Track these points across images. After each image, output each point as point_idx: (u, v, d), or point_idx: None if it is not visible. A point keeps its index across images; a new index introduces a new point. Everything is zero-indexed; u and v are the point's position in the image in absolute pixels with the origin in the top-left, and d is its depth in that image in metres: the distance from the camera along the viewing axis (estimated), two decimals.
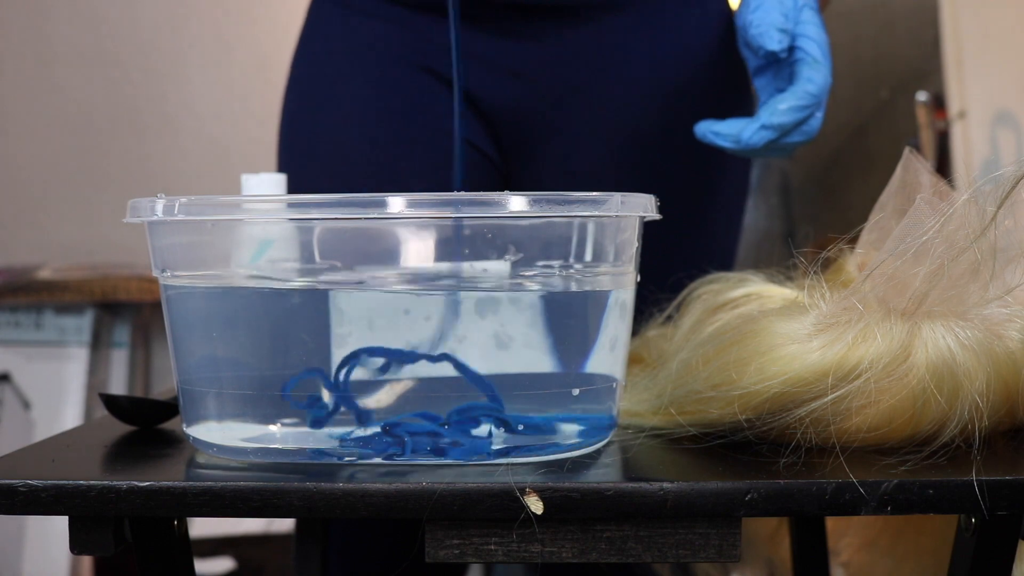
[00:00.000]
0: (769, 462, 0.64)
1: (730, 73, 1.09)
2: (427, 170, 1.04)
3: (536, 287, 0.65)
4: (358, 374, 0.65)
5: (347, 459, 0.65)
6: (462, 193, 0.62)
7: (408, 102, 1.05)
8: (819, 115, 0.90)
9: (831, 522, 1.00)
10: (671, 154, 1.06)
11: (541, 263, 0.64)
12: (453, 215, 0.62)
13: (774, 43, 0.89)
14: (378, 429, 0.64)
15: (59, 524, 2.11)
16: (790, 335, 0.66)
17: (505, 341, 0.65)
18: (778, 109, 0.88)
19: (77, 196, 2.46)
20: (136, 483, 0.60)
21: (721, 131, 0.91)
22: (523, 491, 0.59)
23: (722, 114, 1.07)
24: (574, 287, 0.65)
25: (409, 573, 1.07)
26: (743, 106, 1.10)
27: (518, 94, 1.04)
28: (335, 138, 1.05)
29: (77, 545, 0.63)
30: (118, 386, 2.26)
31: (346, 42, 1.06)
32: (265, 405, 0.66)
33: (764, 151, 0.91)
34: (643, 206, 0.67)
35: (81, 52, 2.46)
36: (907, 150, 0.82)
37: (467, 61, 1.03)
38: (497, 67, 1.03)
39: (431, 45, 1.03)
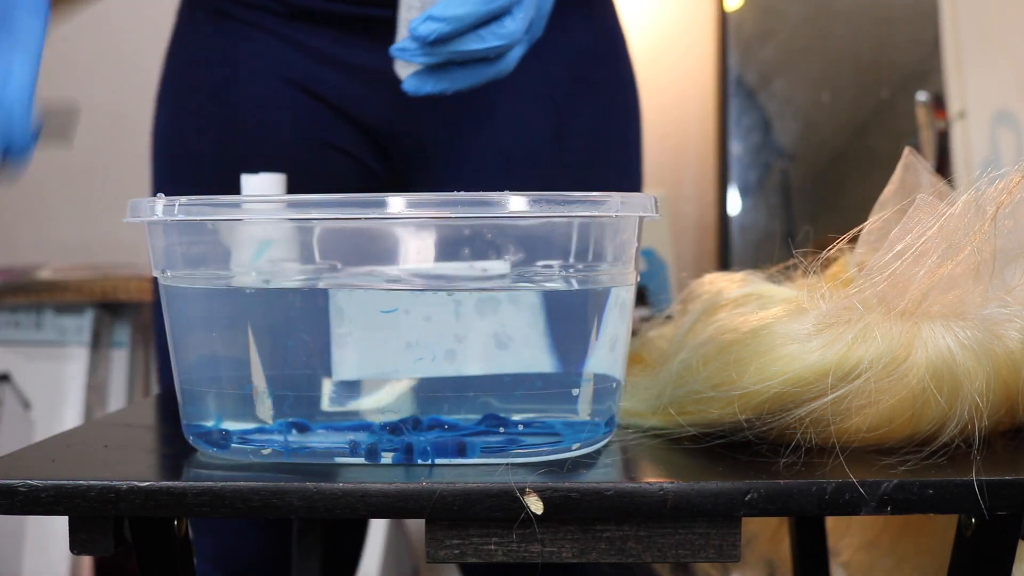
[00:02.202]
0: (769, 462, 0.64)
1: (618, 76, 1.07)
2: (312, 182, 1.01)
3: (536, 287, 0.65)
4: (357, 373, 0.65)
5: (347, 459, 0.65)
6: (462, 193, 0.62)
7: (282, 117, 1.02)
8: (518, 16, 0.76)
9: (831, 522, 1.00)
10: (563, 159, 1.03)
11: (541, 263, 0.64)
12: (453, 215, 0.62)
13: None
14: (378, 429, 0.65)
15: (59, 524, 2.11)
16: (790, 335, 0.66)
17: (505, 341, 0.65)
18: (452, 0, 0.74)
19: (77, 196, 2.46)
20: (136, 483, 0.60)
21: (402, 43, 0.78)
22: (523, 491, 0.60)
23: (609, 119, 1.04)
24: (574, 287, 0.65)
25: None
26: (630, 110, 1.08)
27: (405, 107, 1.01)
28: (206, 155, 1.03)
29: (77, 545, 0.63)
30: (118, 386, 2.26)
31: (218, 53, 1.03)
32: (265, 405, 0.66)
33: (457, 59, 0.76)
34: (643, 206, 0.67)
35: (81, 51, 2.46)
36: (907, 150, 0.82)
37: (349, 75, 1.01)
38: (381, 80, 1.00)
39: (305, 57, 1.01)
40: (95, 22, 2.45)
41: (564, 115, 1.03)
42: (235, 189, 0.87)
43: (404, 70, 0.81)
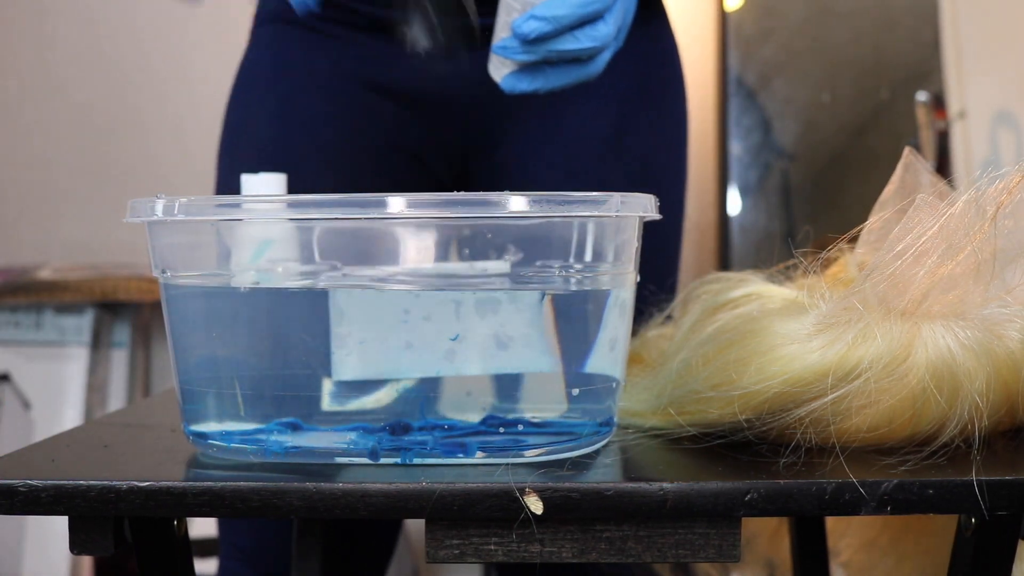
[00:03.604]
0: (769, 462, 0.64)
1: (672, 87, 1.12)
2: (375, 182, 1.05)
3: (536, 287, 0.65)
4: (357, 374, 0.65)
5: (347, 459, 0.65)
6: (462, 193, 0.62)
7: (356, 115, 1.06)
8: (610, 21, 0.82)
9: (831, 522, 1.00)
10: (622, 159, 1.07)
11: (541, 263, 0.64)
12: (453, 215, 0.62)
13: None
14: (378, 429, 0.64)
15: (59, 524, 2.11)
16: (790, 335, 0.66)
17: (505, 341, 0.65)
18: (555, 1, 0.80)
19: (77, 196, 2.46)
20: (136, 483, 0.60)
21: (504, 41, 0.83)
22: (523, 491, 0.60)
23: (664, 125, 1.10)
24: (574, 287, 0.65)
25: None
26: (681, 120, 1.13)
27: (470, 97, 1.05)
28: (285, 145, 1.06)
29: (77, 545, 0.63)
30: (118, 386, 2.26)
31: (293, 55, 1.07)
32: (265, 405, 0.66)
33: (553, 57, 0.81)
34: (643, 206, 0.67)
35: (81, 52, 2.46)
36: (907, 150, 0.82)
37: (421, 80, 1.04)
38: (448, 75, 1.04)
39: (377, 61, 1.04)
40: (95, 22, 2.45)
41: (625, 116, 1.07)
42: (330, 180, 0.90)
43: (498, 72, 0.85)
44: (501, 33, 0.84)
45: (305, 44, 1.08)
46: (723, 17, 2.70)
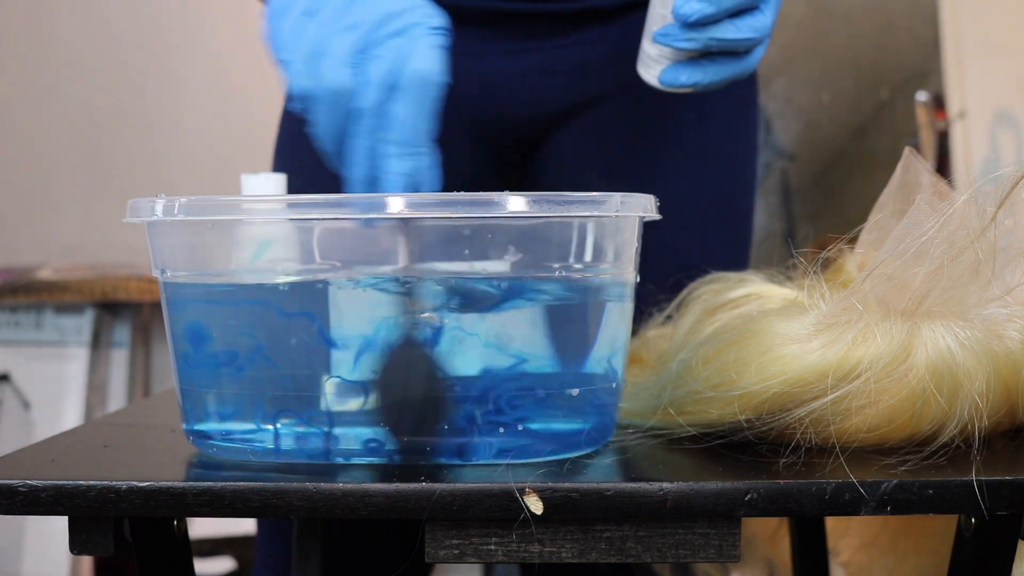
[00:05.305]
0: (769, 462, 0.64)
1: (752, 79, 1.12)
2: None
3: (536, 287, 0.65)
4: (357, 373, 0.65)
5: (347, 459, 0.65)
6: (462, 193, 0.62)
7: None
8: (768, 12, 0.82)
9: (831, 522, 1.00)
10: (701, 142, 1.07)
11: (541, 263, 0.64)
12: (453, 215, 0.62)
13: None
14: (378, 429, 0.64)
15: (59, 524, 2.10)
16: (790, 335, 0.66)
17: (505, 341, 0.65)
18: None
19: (77, 196, 2.46)
20: (136, 483, 0.60)
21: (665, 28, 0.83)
22: (523, 491, 0.60)
23: (743, 113, 1.10)
24: (574, 287, 0.65)
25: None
26: (756, 111, 1.14)
27: (548, 89, 1.05)
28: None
29: (77, 545, 0.63)
30: (118, 386, 2.26)
31: None
32: (265, 405, 0.66)
33: (713, 47, 0.81)
34: (643, 206, 0.67)
35: (81, 52, 2.46)
36: (907, 150, 0.82)
37: (496, 57, 1.04)
38: (524, 57, 1.04)
39: (468, 59, 1.03)
40: (95, 22, 2.45)
41: (707, 99, 1.07)
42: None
43: (650, 70, 0.85)
44: (652, 27, 0.83)
45: None
46: None
